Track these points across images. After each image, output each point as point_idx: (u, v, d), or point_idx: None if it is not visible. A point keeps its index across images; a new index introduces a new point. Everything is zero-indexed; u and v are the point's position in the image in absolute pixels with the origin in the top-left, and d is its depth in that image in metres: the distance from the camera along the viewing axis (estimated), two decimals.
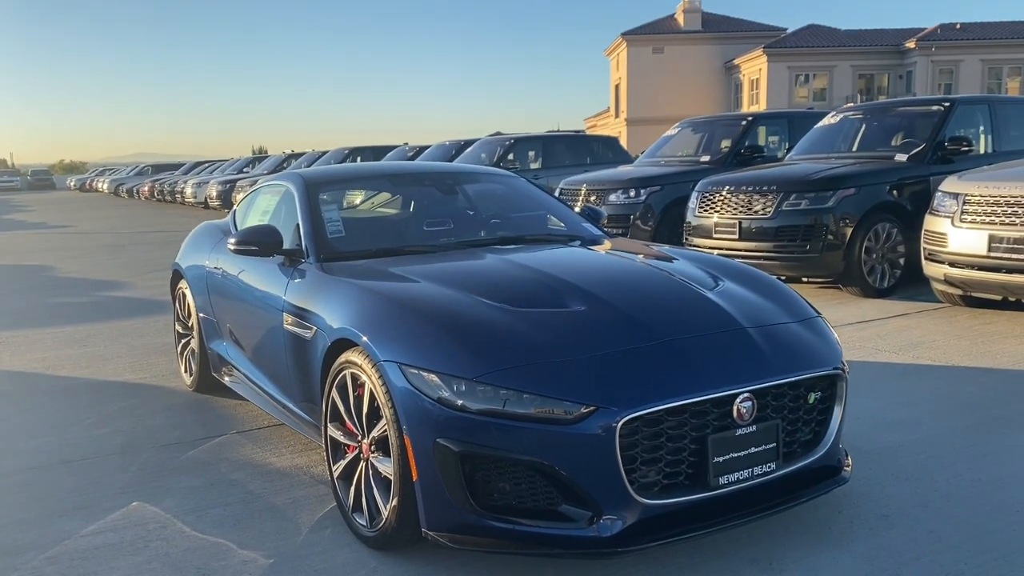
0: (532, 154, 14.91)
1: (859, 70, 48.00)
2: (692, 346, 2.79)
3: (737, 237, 7.97)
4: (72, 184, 64.44)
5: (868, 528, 3.05)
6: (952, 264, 6.53)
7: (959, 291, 6.75)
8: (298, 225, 3.93)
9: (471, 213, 4.45)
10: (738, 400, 2.68)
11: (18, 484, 3.80)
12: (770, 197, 7.78)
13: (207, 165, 35.53)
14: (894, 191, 7.84)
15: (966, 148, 8.09)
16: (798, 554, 2.87)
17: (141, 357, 6.24)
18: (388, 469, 2.84)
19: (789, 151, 10.65)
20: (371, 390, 2.88)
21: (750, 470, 2.72)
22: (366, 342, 2.89)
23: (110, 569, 2.95)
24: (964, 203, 6.46)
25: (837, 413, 2.99)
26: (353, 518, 3.08)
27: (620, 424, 2.50)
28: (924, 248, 6.87)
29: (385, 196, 4.88)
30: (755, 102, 48.12)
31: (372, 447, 2.96)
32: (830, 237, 7.50)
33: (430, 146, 18.71)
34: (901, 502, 3.25)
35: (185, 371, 5.28)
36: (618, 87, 53.87)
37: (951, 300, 7.01)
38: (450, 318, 2.88)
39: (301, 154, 25.74)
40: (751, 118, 10.88)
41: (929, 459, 3.68)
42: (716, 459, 2.66)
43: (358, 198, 4.68)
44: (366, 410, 2.95)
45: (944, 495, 3.31)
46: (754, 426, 2.72)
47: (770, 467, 2.77)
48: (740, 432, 2.70)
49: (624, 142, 32.54)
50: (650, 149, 11.82)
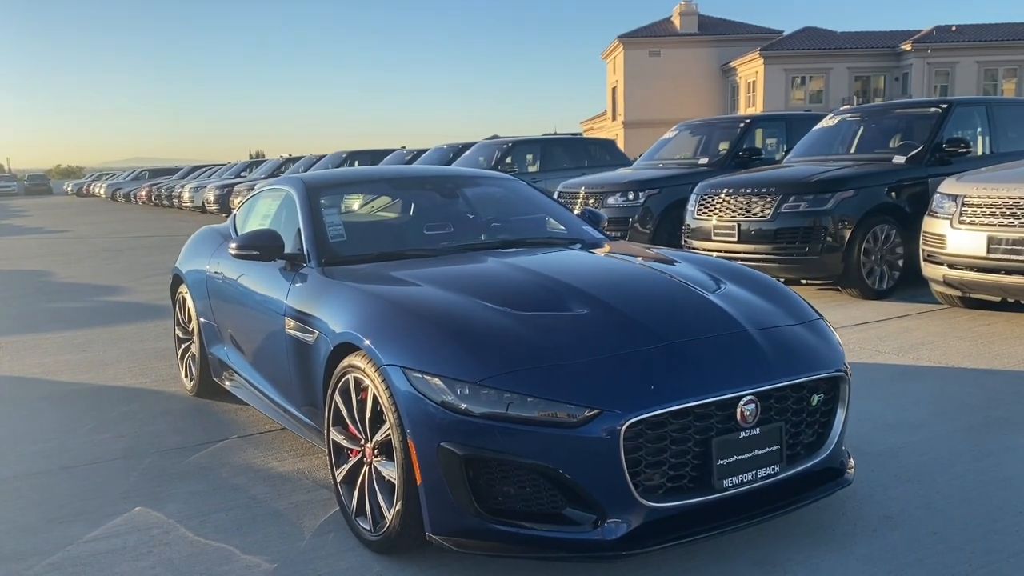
0: (530, 157, 14.92)
1: (855, 72, 48.09)
2: (695, 349, 2.80)
3: (736, 239, 7.98)
4: (69, 189, 64.41)
5: (871, 530, 3.05)
6: (951, 266, 6.54)
7: (958, 292, 6.76)
8: (299, 229, 3.93)
9: (472, 217, 4.46)
10: (742, 403, 2.69)
11: (19, 490, 3.80)
12: (769, 199, 7.79)
13: (204, 169, 35.51)
14: (892, 193, 7.85)
15: (964, 150, 8.11)
16: (801, 556, 2.88)
17: (141, 362, 6.24)
18: (392, 473, 2.84)
19: (787, 153, 10.68)
20: (374, 394, 2.88)
21: (754, 472, 2.73)
22: (369, 346, 2.89)
23: (113, 575, 2.95)
24: (963, 205, 6.47)
25: (840, 415, 3.00)
26: (356, 522, 3.07)
27: (624, 427, 2.51)
28: (923, 250, 6.88)
29: (385, 200, 4.88)
30: (752, 104, 48.19)
31: (375, 451, 2.96)
32: (829, 239, 7.51)
33: (428, 149, 18.73)
34: (904, 503, 3.25)
35: (185, 376, 5.27)
36: (615, 90, 53.92)
37: (950, 301, 7.02)
38: (453, 322, 2.88)
39: (299, 158, 25.73)
40: (749, 120, 10.90)
41: (931, 460, 3.69)
42: (720, 462, 2.66)
43: (358, 202, 4.68)
44: (369, 414, 2.95)
45: (946, 496, 3.31)
46: (758, 429, 2.73)
47: (774, 469, 2.77)
48: (744, 435, 2.70)
49: (621, 145, 32.54)
50: (648, 152, 11.83)
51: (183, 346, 5.31)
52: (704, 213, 8.37)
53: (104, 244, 17.58)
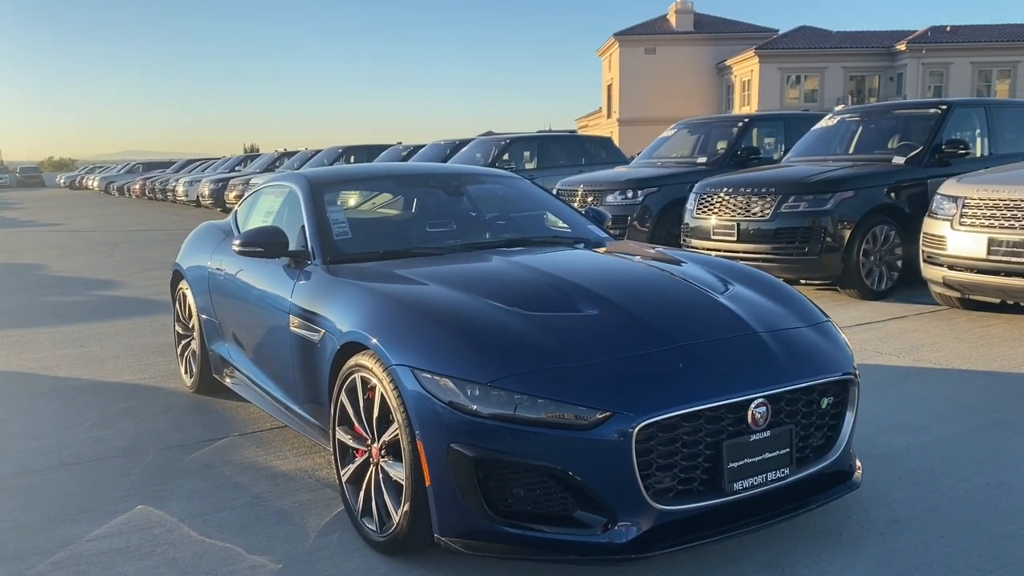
0: (527, 154, 14.89)
1: (850, 72, 48.17)
2: (706, 351, 2.78)
3: (735, 239, 7.98)
4: (62, 181, 64.10)
5: (878, 533, 3.05)
6: (951, 267, 6.54)
7: (957, 294, 6.77)
8: (303, 226, 3.91)
9: (476, 215, 4.44)
10: (752, 405, 2.68)
11: (19, 487, 3.77)
12: (768, 199, 7.79)
13: (199, 163, 35.39)
14: (892, 193, 7.86)
15: (963, 151, 8.12)
16: (809, 559, 2.87)
17: (139, 357, 6.20)
18: (399, 474, 2.82)
19: (785, 153, 10.68)
20: (382, 394, 2.86)
21: (764, 475, 2.72)
22: (377, 345, 2.87)
23: (117, 575, 2.92)
24: (963, 206, 6.48)
25: (849, 418, 2.99)
26: (362, 523, 3.05)
27: (636, 430, 2.49)
28: (923, 251, 6.89)
29: (386, 197, 4.86)
30: (747, 103, 48.24)
31: (382, 451, 2.94)
32: (828, 239, 7.51)
33: (424, 146, 18.68)
34: (910, 507, 3.25)
35: (185, 372, 5.24)
36: (610, 87, 53.91)
37: (948, 303, 7.03)
38: (463, 322, 2.86)
39: (294, 153, 25.63)
40: (747, 120, 10.91)
41: (936, 463, 3.68)
42: (731, 464, 2.65)
43: (355, 198, 4.64)
44: (376, 414, 2.93)
45: (952, 499, 3.31)
46: (768, 431, 2.72)
47: (784, 472, 2.76)
48: (755, 437, 2.69)
49: (616, 142, 32.55)
50: (646, 150, 11.82)
51: (183, 342, 5.27)
52: (703, 212, 8.37)
53: (99, 238, 17.50)
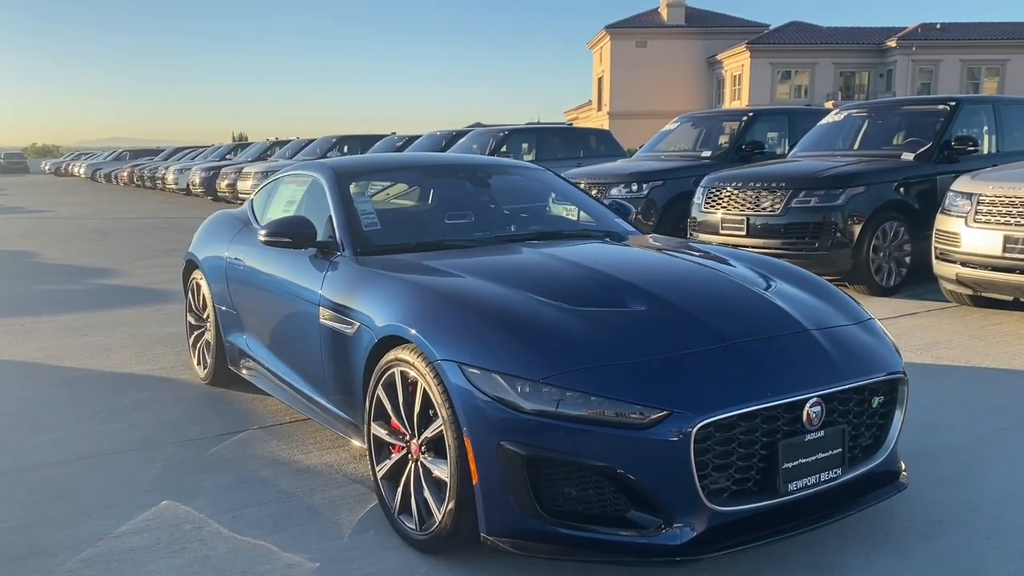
0: (525, 146, 14.79)
1: (840, 67, 48.30)
2: (760, 349, 2.73)
3: (745, 233, 7.93)
4: (47, 168, 63.42)
5: (923, 533, 3.01)
6: (964, 264, 6.52)
7: (969, 291, 6.75)
8: (330, 217, 3.83)
9: (504, 207, 4.36)
10: (808, 405, 2.62)
11: (38, 481, 3.67)
12: (779, 194, 7.74)
13: (188, 151, 35.09)
14: (901, 190, 7.84)
15: (972, 148, 8.10)
16: (858, 561, 2.82)
17: (146, 348, 6.10)
18: (442, 471, 2.75)
19: (789, 148, 10.65)
20: (424, 389, 2.79)
21: (817, 476, 2.66)
22: (420, 339, 2.80)
23: (151, 572, 2.84)
24: (978, 203, 6.45)
25: (898, 417, 2.94)
26: (400, 520, 2.99)
27: (695, 429, 2.43)
28: (935, 247, 6.87)
29: (401, 187, 4.78)
30: (737, 98, 48.29)
31: (422, 447, 2.87)
32: (839, 235, 7.48)
33: (419, 136, 18.56)
34: (951, 507, 3.21)
35: (198, 363, 5.15)
36: (601, 80, 53.83)
37: (959, 300, 7.02)
38: (510, 316, 2.79)
39: (285, 142, 25.43)
40: (751, 114, 10.86)
41: (971, 463, 3.65)
42: (786, 465, 2.59)
43: (384, 190, 4.55)
44: (418, 410, 2.86)
45: (993, 500, 3.27)
46: (822, 431, 2.66)
47: (836, 473, 2.71)
48: (809, 437, 2.64)
49: None
50: (648, 143, 11.77)
51: (195, 333, 5.18)
52: (711, 206, 8.32)
53: (90, 225, 17.29)
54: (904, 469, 3.07)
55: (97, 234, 15.38)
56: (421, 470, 2.89)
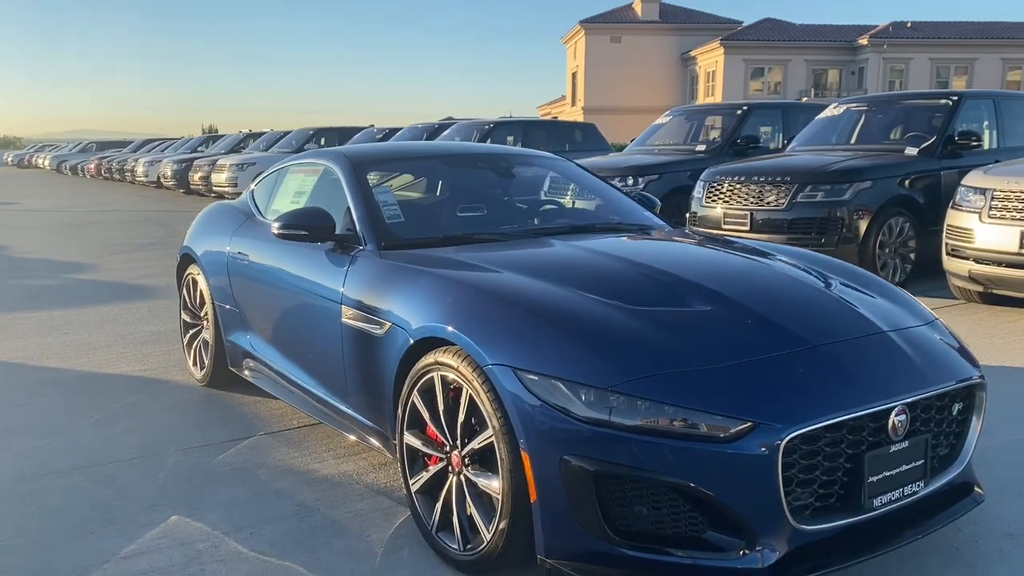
0: (511, 139, 14.55)
1: (812, 65, 48.57)
2: (841, 353, 2.51)
3: (748, 228, 7.76)
4: (9, 160, 62.04)
5: (997, 549, 2.82)
6: (978, 260, 6.39)
7: (981, 288, 6.62)
8: (348, 209, 3.56)
9: (530, 198, 4.13)
10: (893, 413, 2.42)
11: (33, 494, 3.37)
12: (784, 188, 7.58)
13: (157, 143, 34.37)
14: (906, 185, 7.70)
15: (975, 143, 8.00)
16: None
17: (132, 346, 5.78)
18: (491, 486, 2.52)
19: (784, 142, 10.52)
20: (471, 396, 2.55)
21: (901, 490, 2.46)
22: (467, 342, 2.55)
23: None
24: (992, 198, 6.32)
25: (975, 425, 2.75)
26: (439, 539, 2.74)
27: (784, 442, 2.21)
28: (947, 243, 6.73)
29: (408, 178, 4.51)
30: (711, 94, 48.40)
31: (465, 460, 2.63)
32: (845, 230, 7.33)
33: (400, 128, 18.26)
34: (1019, 519, 3.03)
35: (194, 364, 4.85)
36: (575, 75, 53.69)
37: (967, 297, 6.89)
38: (568, 316, 2.56)
39: (259, 134, 24.97)
40: (746, 107, 10.70)
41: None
42: (871, 479, 2.39)
43: (397, 180, 4.28)
44: (462, 419, 2.62)
45: None
46: (906, 441, 2.46)
47: (919, 486, 2.51)
48: (894, 448, 2.43)
49: None
50: (640, 137, 11.58)
51: (191, 332, 4.88)
52: (713, 200, 8.14)
53: (59, 218, 16.79)
54: (979, 480, 2.88)
55: (68, 227, 14.91)
56: (465, 484, 2.65)
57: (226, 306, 4.36)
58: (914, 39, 46.70)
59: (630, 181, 9.53)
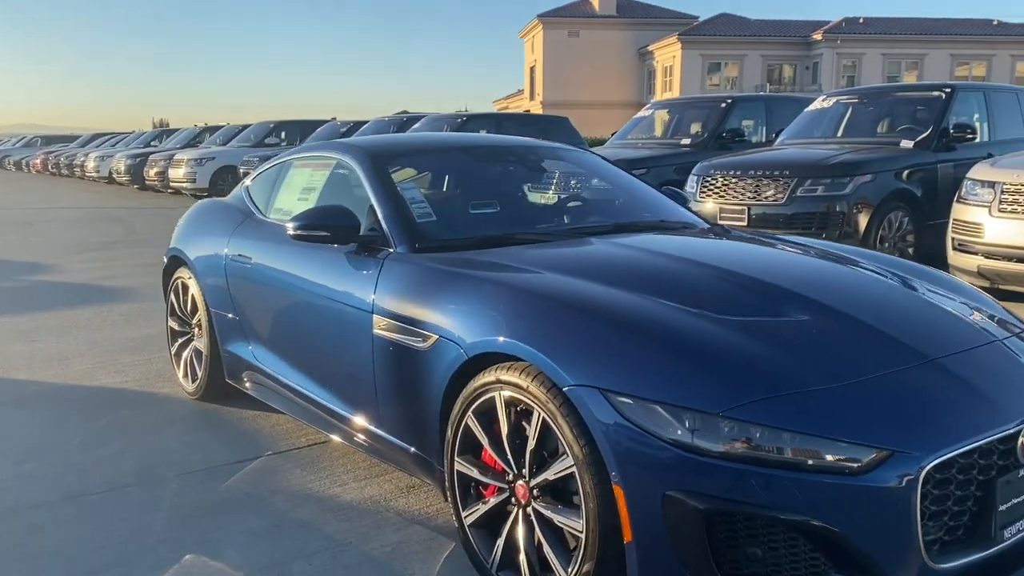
0: (483, 132, 14.22)
1: (768, 60, 48.95)
2: (962, 366, 2.25)
3: (745, 224, 7.54)
4: None
5: None
6: (988, 256, 6.24)
7: (987, 283, 6.47)
8: (372, 207, 3.22)
9: (567, 194, 3.82)
10: (1022, 434, 2.16)
11: (23, 531, 2.98)
12: (782, 182, 7.38)
13: (108, 137, 33.33)
14: (904, 178, 7.56)
15: (970, 136, 7.89)
16: None
17: (108, 356, 5.35)
18: (570, 522, 2.22)
19: (767, 135, 10.36)
20: (544, 420, 2.25)
21: None
22: (541, 359, 2.24)
23: None
24: (1002, 191, 6.17)
25: None
26: None
27: (924, 472, 1.95)
28: (953, 238, 6.58)
29: (410, 172, 4.17)
30: (668, 89, 48.51)
31: (534, 491, 2.33)
32: (846, 225, 7.15)
33: (366, 122, 17.78)
34: None
35: (184, 376, 4.45)
36: (533, 69, 53.46)
37: None
38: (657, 329, 2.25)
39: (217, 127, 24.27)
40: (730, 100, 10.51)
41: None
42: (1001, 507, 2.13)
43: (420, 175, 3.93)
44: (532, 446, 2.31)
45: None
46: None
47: None
48: (1022, 473, 2.18)
49: None
50: (621, 131, 11.36)
51: (180, 340, 4.49)
52: (707, 195, 7.91)
53: (8, 216, 16.04)
54: None
55: (18, 225, 14.23)
56: (535, 518, 2.34)
57: (224, 313, 3.98)
58: (866, 35, 47.32)
59: None
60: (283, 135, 20.38)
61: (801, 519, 1.96)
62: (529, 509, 2.36)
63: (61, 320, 6.44)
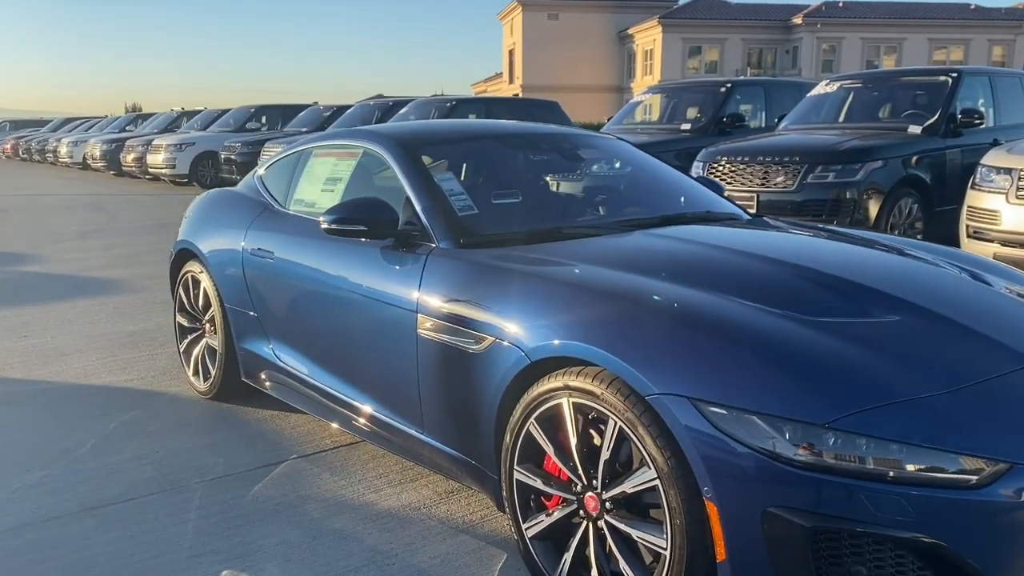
0: (472, 117, 13.99)
1: (748, 44, 48.89)
2: None
3: (754, 211, 7.41)
4: None
5: None
6: (1005, 243, 6.14)
7: None
8: (408, 199, 3.04)
9: (606, 185, 3.67)
10: None
11: (41, 546, 2.79)
12: (792, 168, 7.25)
13: (80, 122, 32.67)
14: (913, 164, 7.46)
15: (978, 121, 7.80)
16: None
17: (108, 351, 5.14)
18: (651, 539, 2.07)
19: (766, 120, 10.25)
20: (621, 430, 2.10)
21: None
22: (621, 364, 2.09)
23: None
24: (1019, 178, 6.08)
25: None
26: None
27: None
28: (967, 225, 6.48)
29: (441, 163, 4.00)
30: (648, 73, 48.33)
31: (607, 504, 2.18)
32: (857, 212, 7.05)
33: (350, 106, 17.48)
34: None
35: (195, 374, 4.25)
36: (512, 52, 53.03)
37: None
38: (746, 332, 2.10)
39: (195, 112, 23.83)
40: (730, 84, 10.37)
41: None
42: None
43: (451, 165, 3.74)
44: (606, 456, 2.16)
45: None
46: None
47: None
48: None
49: None
50: (617, 116, 11.21)
51: (190, 337, 4.29)
52: None
53: None
54: None
55: None
56: (609, 533, 2.20)
57: (242, 310, 3.79)
58: (846, 18, 47.38)
59: (617, 164, 9.10)
60: (264, 120, 20.03)
61: (911, 536, 1.83)
62: (601, 522, 2.22)
63: (51, 313, 6.21)
